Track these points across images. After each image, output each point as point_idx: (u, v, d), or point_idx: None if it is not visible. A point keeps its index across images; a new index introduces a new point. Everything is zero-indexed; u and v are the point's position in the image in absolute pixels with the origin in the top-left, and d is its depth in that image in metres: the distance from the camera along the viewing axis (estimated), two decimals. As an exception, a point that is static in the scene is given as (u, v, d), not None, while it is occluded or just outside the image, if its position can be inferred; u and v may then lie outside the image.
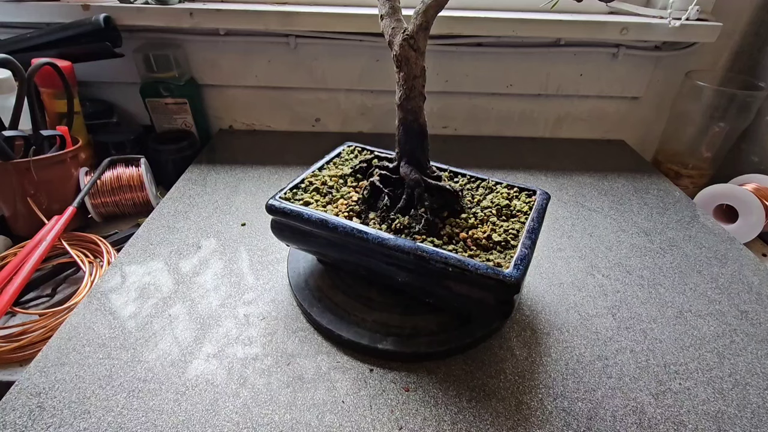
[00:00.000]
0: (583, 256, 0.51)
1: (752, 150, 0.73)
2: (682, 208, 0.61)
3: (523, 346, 0.39)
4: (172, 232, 0.51)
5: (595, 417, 0.33)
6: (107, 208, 0.56)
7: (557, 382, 0.36)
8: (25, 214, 0.52)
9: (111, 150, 0.63)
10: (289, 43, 0.69)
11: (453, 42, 0.69)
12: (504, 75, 0.75)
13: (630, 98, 0.79)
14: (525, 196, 0.41)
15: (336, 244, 0.36)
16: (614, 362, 0.38)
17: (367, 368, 0.36)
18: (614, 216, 0.59)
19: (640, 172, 0.70)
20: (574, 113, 0.80)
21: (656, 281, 0.47)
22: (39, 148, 0.52)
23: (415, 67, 0.33)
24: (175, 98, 0.68)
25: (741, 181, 0.66)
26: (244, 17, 0.62)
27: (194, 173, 0.64)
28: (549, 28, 0.65)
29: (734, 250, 0.53)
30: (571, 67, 0.74)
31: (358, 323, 0.38)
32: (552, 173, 0.69)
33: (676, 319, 0.43)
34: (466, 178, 0.43)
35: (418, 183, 0.36)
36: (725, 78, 0.73)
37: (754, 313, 0.44)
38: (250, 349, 0.37)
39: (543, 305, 0.44)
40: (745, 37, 0.73)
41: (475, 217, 0.37)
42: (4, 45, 0.60)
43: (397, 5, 0.33)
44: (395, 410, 0.33)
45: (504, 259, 0.33)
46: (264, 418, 0.32)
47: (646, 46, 0.73)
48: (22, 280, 0.42)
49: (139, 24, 0.63)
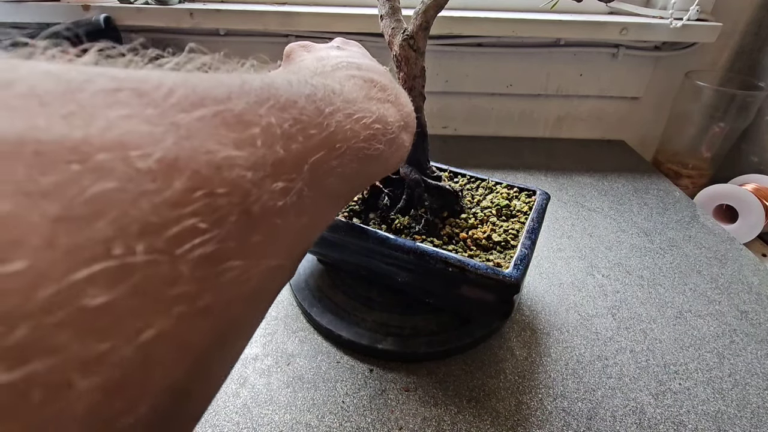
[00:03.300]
0: (583, 256, 0.51)
1: (752, 150, 0.73)
2: (682, 208, 0.61)
3: (523, 346, 0.39)
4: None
5: (595, 417, 0.33)
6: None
7: (557, 382, 0.36)
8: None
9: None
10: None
11: (453, 42, 0.69)
12: (504, 75, 0.75)
13: (630, 98, 0.79)
14: (525, 196, 0.41)
15: (336, 244, 0.36)
16: (614, 362, 0.38)
17: (367, 368, 0.36)
18: (614, 216, 0.59)
19: (640, 172, 0.70)
20: (574, 113, 0.80)
21: (656, 281, 0.47)
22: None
23: (415, 67, 0.33)
24: (175, 98, 0.68)
25: (741, 182, 0.66)
26: (244, 17, 0.62)
27: (194, 173, 0.64)
28: (549, 28, 0.66)
29: (734, 251, 0.53)
30: (571, 67, 0.74)
31: (358, 323, 0.38)
32: (552, 173, 0.69)
33: (676, 319, 0.43)
34: (466, 178, 0.43)
35: (418, 183, 0.36)
36: (725, 78, 0.73)
37: (754, 313, 0.44)
38: (250, 349, 0.37)
39: (543, 305, 0.44)
40: (744, 37, 0.73)
41: (475, 217, 0.37)
42: (4, 45, 0.60)
43: (397, 5, 0.33)
44: (395, 410, 0.33)
45: (504, 259, 0.33)
46: (264, 418, 0.32)
47: (645, 47, 0.73)
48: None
49: (140, 24, 0.63)
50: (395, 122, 0.22)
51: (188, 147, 0.10)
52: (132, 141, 0.09)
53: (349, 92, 0.20)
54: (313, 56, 0.26)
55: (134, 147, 0.09)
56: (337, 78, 0.22)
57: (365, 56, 0.28)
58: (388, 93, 0.23)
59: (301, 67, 0.26)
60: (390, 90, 0.24)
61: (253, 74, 0.16)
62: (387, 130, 0.21)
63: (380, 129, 0.20)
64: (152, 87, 0.11)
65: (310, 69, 0.25)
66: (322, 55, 0.26)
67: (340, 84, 0.20)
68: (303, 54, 0.28)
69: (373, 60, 0.28)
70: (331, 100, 0.17)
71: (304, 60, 0.27)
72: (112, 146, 0.09)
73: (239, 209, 0.11)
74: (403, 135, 0.24)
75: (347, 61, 0.25)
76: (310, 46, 0.29)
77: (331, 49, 0.28)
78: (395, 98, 0.24)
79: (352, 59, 0.25)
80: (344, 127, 0.17)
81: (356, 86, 0.21)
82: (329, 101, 0.17)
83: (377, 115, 0.20)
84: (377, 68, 0.26)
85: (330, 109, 0.17)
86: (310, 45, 0.29)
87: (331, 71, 0.23)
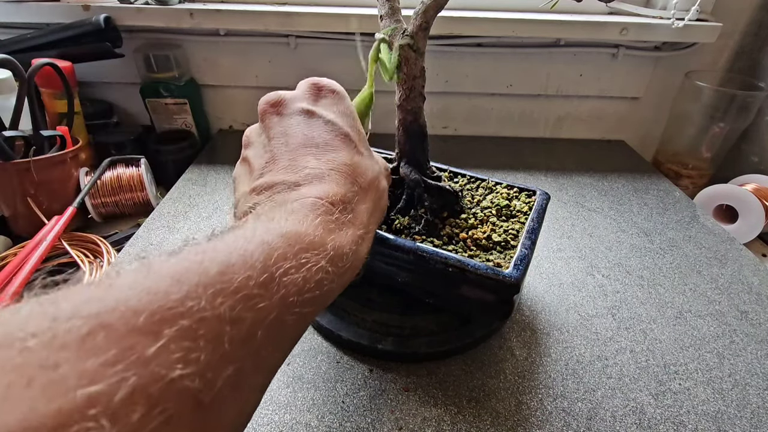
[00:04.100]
0: (583, 257, 0.51)
1: (752, 150, 0.73)
2: (682, 208, 0.61)
3: (523, 347, 0.39)
4: (172, 232, 0.51)
5: (594, 417, 0.33)
6: (107, 209, 0.56)
7: (557, 383, 0.36)
8: (26, 214, 0.52)
9: (111, 150, 0.63)
10: (289, 44, 0.69)
11: (453, 42, 0.69)
12: (504, 75, 0.75)
13: (630, 98, 0.79)
14: (525, 196, 0.41)
15: (336, 244, 0.36)
16: (614, 362, 0.38)
17: (367, 368, 0.36)
18: (614, 216, 0.59)
19: (640, 173, 0.70)
20: (574, 113, 0.80)
21: (656, 281, 0.47)
22: (39, 148, 0.52)
23: (414, 67, 0.33)
24: (175, 98, 0.68)
25: (741, 182, 0.66)
26: (244, 17, 0.62)
27: (194, 173, 0.64)
28: (549, 28, 0.66)
29: (734, 251, 0.53)
30: (571, 67, 0.74)
31: (358, 323, 0.38)
32: (552, 173, 0.69)
33: (676, 319, 0.43)
34: (465, 179, 0.43)
35: (418, 183, 0.36)
36: (725, 78, 0.73)
37: (754, 313, 0.44)
38: (250, 349, 0.37)
39: (543, 305, 0.44)
40: (744, 38, 0.73)
41: (474, 217, 0.37)
42: (4, 45, 0.60)
43: (397, 5, 0.33)
44: (395, 410, 0.33)
45: (504, 259, 0.33)
46: (264, 418, 0.32)
47: (645, 47, 0.73)
48: (22, 280, 0.42)
49: (140, 24, 0.63)
50: (352, 243, 0.22)
51: (146, 374, 0.12)
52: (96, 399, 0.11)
53: (305, 232, 0.20)
54: (277, 181, 0.24)
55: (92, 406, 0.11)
56: (297, 211, 0.21)
57: (334, 131, 0.26)
58: (346, 212, 0.23)
59: (261, 212, 0.22)
60: (350, 202, 0.24)
61: (213, 256, 0.16)
62: (338, 269, 0.21)
63: (333, 270, 0.20)
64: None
65: (273, 203, 0.22)
66: (285, 180, 0.23)
67: (298, 221, 0.20)
68: (270, 133, 0.26)
69: (349, 126, 0.27)
70: (285, 255, 0.18)
71: (270, 187, 0.24)
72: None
73: (190, 405, 0.13)
74: (362, 248, 0.24)
75: (309, 191, 0.23)
76: (282, 105, 0.27)
77: (300, 152, 0.25)
78: (354, 208, 0.24)
79: (319, 169, 0.24)
80: (296, 280, 0.18)
81: (314, 221, 0.21)
82: (283, 256, 0.18)
83: (332, 249, 0.20)
84: (340, 168, 0.24)
85: (281, 271, 0.17)
86: (282, 102, 0.27)
87: (291, 202, 0.22)
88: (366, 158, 0.27)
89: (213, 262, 0.16)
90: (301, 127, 0.26)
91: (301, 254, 0.19)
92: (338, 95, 0.28)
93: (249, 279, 0.16)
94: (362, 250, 0.24)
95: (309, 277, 0.18)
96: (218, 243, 0.17)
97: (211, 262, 0.16)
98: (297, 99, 0.27)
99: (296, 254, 0.18)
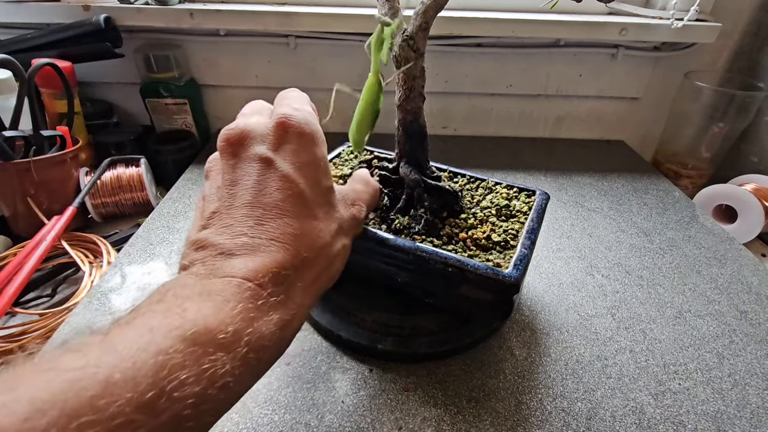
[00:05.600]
0: (583, 257, 0.51)
1: (752, 150, 0.73)
2: (682, 208, 0.61)
3: (523, 347, 0.39)
4: (172, 232, 0.51)
5: (594, 417, 0.33)
6: (107, 209, 0.56)
7: (557, 382, 0.36)
8: (25, 214, 0.52)
9: (111, 150, 0.63)
10: (289, 44, 0.69)
11: (453, 42, 0.69)
12: (504, 75, 0.75)
13: (629, 98, 0.79)
14: (524, 196, 0.41)
15: (336, 244, 0.36)
16: (614, 362, 0.38)
17: (367, 368, 0.36)
18: (614, 216, 0.59)
19: (639, 173, 0.70)
20: (573, 113, 0.80)
21: (656, 281, 0.47)
22: (39, 148, 0.52)
23: (414, 67, 0.33)
24: (175, 98, 0.68)
25: (740, 182, 0.66)
26: (244, 18, 0.62)
27: (194, 173, 0.64)
28: (548, 28, 0.66)
29: (734, 251, 0.53)
30: (571, 67, 0.74)
31: (358, 323, 0.38)
32: (552, 173, 0.69)
33: (676, 319, 0.43)
34: (465, 179, 0.43)
35: (417, 183, 0.36)
36: (724, 78, 0.73)
37: (754, 313, 0.44)
38: (250, 349, 0.37)
39: (542, 305, 0.44)
40: (744, 38, 0.73)
41: (474, 217, 0.37)
42: (4, 45, 0.60)
43: (397, 6, 0.33)
44: (395, 410, 0.33)
45: (503, 259, 0.33)
46: (264, 418, 0.32)
47: (645, 47, 0.73)
48: (22, 281, 0.42)
49: (140, 24, 0.63)
50: (276, 329, 0.21)
51: None
52: None
53: (218, 328, 0.18)
54: (200, 254, 0.22)
55: None
56: (219, 294, 0.20)
57: (288, 190, 0.24)
58: (277, 293, 0.21)
59: (186, 284, 0.21)
60: (285, 280, 0.22)
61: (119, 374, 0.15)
62: (254, 363, 0.19)
63: (243, 371, 0.19)
64: None
65: (205, 270, 0.21)
66: (222, 244, 0.22)
67: (216, 309, 0.19)
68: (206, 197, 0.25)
69: (308, 183, 0.25)
70: (183, 364, 0.17)
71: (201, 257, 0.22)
72: None
73: None
74: (287, 332, 0.22)
75: (240, 265, 0.21)
76: (240, 145, 0.25)
77: (243, 212, 0.23)
78: (289, 287, 0.22)
79: (258, 239, 0.22)
80: (194, 391, 0.16)
81: (233, 309, 0.19)
82: (180, 365, 0.16)
83: (247, 344, 0.19)
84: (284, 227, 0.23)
85: (174, 384, 0.16)
86: (242, 141, 0.25)
87: (219, 278, 0.21)
88: (321, 221, 0.25)
89: (92, 380, 0.14)
90: (252, 180, 0.23)
91: (204, 358, 0.17)
92: (305, 139, 0.25)
93: (130, 402, 0.15)
94: (288, 333, 0.22)
95: (210, 384, 0.17)
96: (114, 345, 0.16)
97: (90, 379, 0.14)
98: (257, 140, 0.25)
99: (198, 359, 0.17)
